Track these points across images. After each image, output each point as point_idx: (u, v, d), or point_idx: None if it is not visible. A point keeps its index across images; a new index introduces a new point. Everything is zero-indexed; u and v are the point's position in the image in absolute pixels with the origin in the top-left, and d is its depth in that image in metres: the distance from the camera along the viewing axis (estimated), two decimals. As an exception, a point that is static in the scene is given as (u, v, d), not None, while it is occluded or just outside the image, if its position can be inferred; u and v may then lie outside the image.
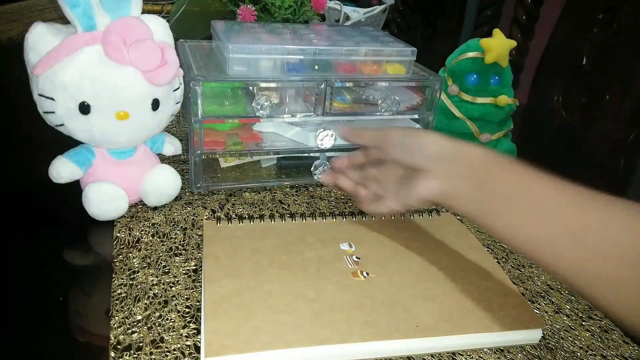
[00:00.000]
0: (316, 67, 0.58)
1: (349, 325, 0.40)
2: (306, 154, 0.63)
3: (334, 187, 0.59)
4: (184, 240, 0.51)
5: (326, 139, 0.60)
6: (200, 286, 0.44)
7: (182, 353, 0.38)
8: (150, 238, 0.51)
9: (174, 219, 0.54)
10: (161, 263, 0.47)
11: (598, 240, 0.33)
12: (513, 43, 0.63)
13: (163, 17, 0.51)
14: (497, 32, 0.64)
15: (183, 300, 0.43)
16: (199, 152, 0.57)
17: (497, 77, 0.65)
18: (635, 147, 0.85)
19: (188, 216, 0.55)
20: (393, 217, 0.56)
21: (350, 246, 0.50)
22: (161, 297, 0.43)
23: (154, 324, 0.40)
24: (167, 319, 0.41)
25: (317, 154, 0.63)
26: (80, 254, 0.50)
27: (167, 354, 0.38)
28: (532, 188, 0.38)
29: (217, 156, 0.63)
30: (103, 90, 0.46)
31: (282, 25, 0.67)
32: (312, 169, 0.63)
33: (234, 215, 0.55)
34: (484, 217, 0.39)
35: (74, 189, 0.52)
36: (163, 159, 0.60)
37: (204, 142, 0.56)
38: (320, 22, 0.96)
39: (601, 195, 0.35)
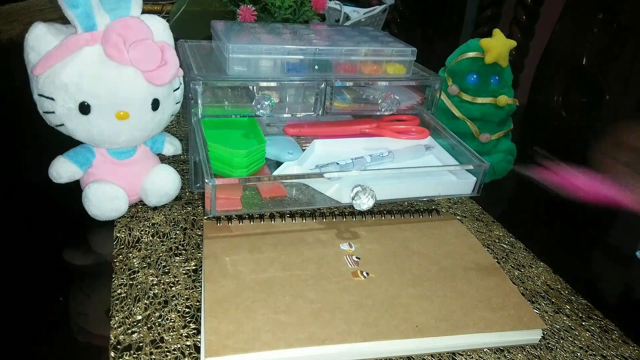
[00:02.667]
0: (316, 67, 0.58)
1: (349, 325, 0.40)
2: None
3: None
4: (184, 240, 0.51)
5: (364, 199, 0.50)
6: (200, 286, 0.44)
7: (182, 353, 0.38)
8: (150, 238, 0.51)
9: (174, 219, 0.54)
10: (161, 263, 0.47)
11: None
12: (513, 43, 0.63)
13: (163, 17, 0.51)
14: (497, 32, 0.64)
15: (183, 300, 0.43)
16: (211, 215, 0.49)
17: (497, 77, 0.65)
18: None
19: (188, 216, 0.55)
20: (393, 217, 0.56)
21: (350, 246, 0.50)
22: (161, 297, 0.43)
23: (154, 324, 0.40)
24: (167, 319, 0.41)
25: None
26: (80, 254, 0.50)
27: (167, 354, 0.38)
28: None
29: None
30: (103, 90, 0.46)
31: (282, 25, 0.67)
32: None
33: (234, 215, 0.54)
34: None
35: (74, 189, 0.52)
36: (163, 159, 0.60)
37: (217, 201, 0.48)
38: (320, 22, 0.96)
39: None
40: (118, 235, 0.51)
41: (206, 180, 0.46)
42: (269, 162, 0.58)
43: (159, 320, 0.41)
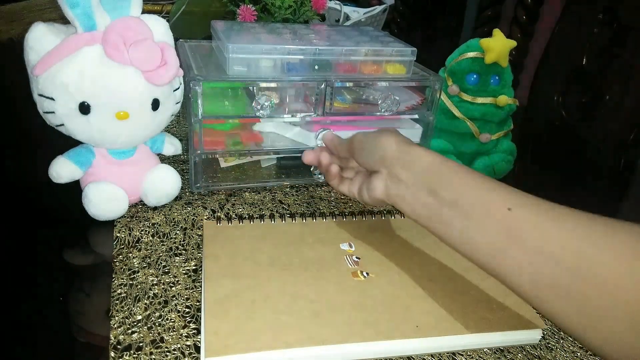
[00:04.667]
0: (316, 67, 0.58)
1: (349, 325, 0.40)
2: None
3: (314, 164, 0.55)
4: (184, 240, 0.51)
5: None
6: (200, 286, 0.44)
7: (182, 353, 0.38)
8: (150, 238, 0.51)
9: (174, 219, 0.54)
10: (161, 263, 0.47)
11: (538, 242, 0.33)
12: (513, 43, 0.63)
13: (163, 17, 0.51)
14: (497, 32, 0.64)
15: (183, 300, 0.43)
16: (199, 152, 0.57)
17: (497, 77, 0.65)
18: (635, 147, 0.85)
19: (188, 216, 0.55)
20: (393, 217, 0.56)
21: (350, 246, 0.50)
22: (161, 297, 0.43)
23: (154, 324, 0.40)
24: (167, 319, 0.41)
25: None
26: (80, 254, 0.50)
27: (167, 354, 0.38)
28: (478, 194, 0.38)
29: (217, 156, 0.64)
30: (103, 90, 0.46)
31: (282, 25, 0.67)
32: (311, 169, 0.63)
33: (234, 215, 0.55)
34: (432, 223, 0.40)
35: (74, 189, 0.52)
36: (163, 159, 0.60)
37: (204, 142, 0.56)
38: (320, 22, 0.96)
39: (554, 205, 0.35)
40: (118, 235, 0.51)
41: (193, 119, 0.51)
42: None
43: (159, 320, 0.41)
